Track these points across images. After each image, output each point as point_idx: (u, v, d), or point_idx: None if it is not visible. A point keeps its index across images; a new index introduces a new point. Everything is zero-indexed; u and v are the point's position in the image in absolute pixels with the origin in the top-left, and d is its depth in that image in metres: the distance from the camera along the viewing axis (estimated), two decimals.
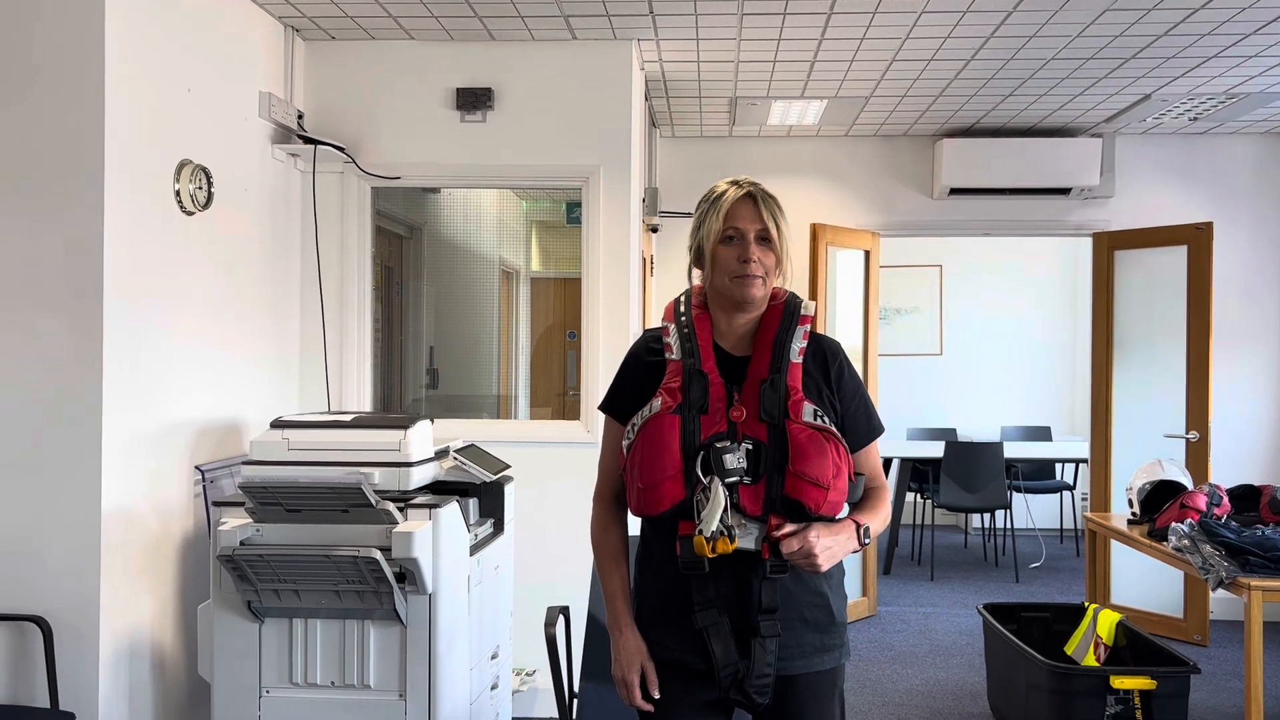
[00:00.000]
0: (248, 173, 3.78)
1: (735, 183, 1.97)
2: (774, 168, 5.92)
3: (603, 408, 2.09)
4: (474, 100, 4.20)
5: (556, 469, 4.16)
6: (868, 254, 5.93)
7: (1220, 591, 3.50)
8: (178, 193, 3.31)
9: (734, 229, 1.93)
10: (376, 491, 2.78)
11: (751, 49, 4.36)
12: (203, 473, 3.40)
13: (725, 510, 1.81)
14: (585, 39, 4.19)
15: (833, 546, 1.83)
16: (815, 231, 5.62)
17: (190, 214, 3.38)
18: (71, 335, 2.93)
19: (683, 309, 2.01)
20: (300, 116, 4.15)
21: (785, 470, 1.85)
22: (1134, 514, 4.37)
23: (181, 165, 3.32)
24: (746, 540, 1.84)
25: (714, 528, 1.79)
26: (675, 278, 5.81)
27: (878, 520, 1.98)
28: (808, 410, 1.89)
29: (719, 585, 1.89)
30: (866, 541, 1.90)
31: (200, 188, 3.42)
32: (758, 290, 1.93)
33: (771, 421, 1.87)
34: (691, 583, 1.89)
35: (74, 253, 2.93)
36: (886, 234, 6.00)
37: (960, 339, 8.67)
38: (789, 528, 1.83)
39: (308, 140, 4.08)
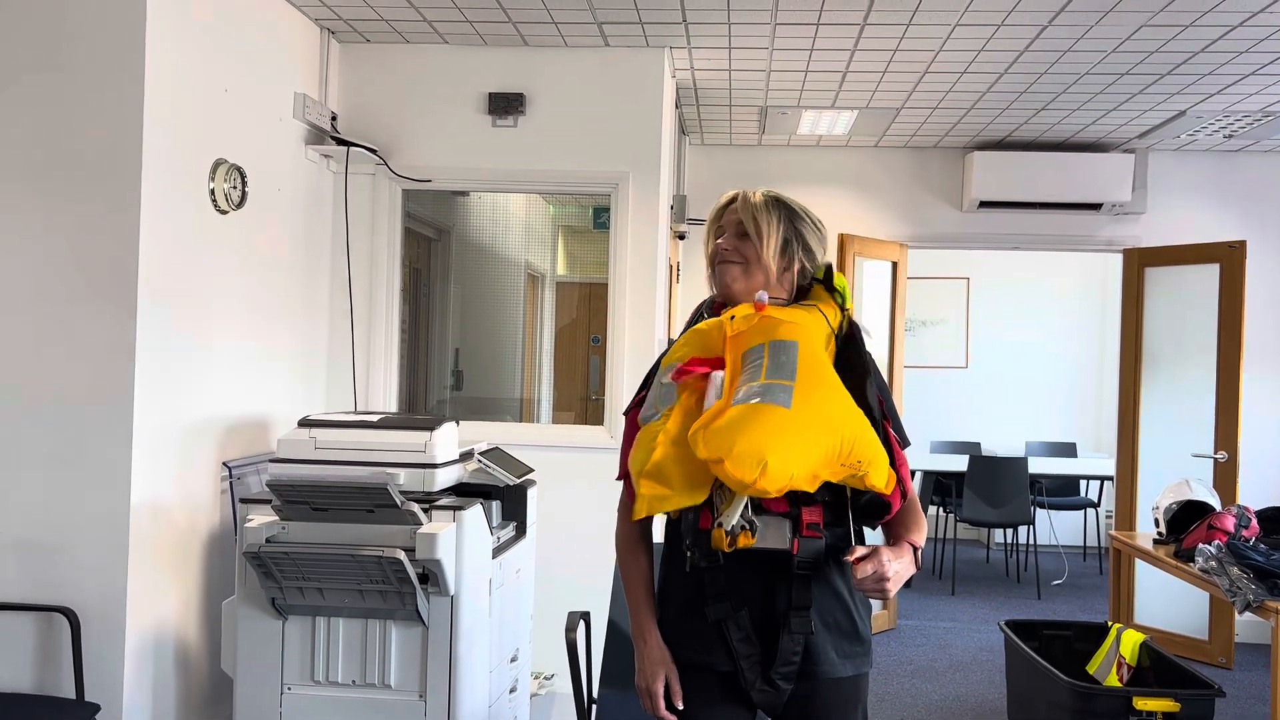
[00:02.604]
0: (281, 173, 3.81)
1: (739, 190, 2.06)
2: (803, 177, 5.92)
3: (626, 414, 2.09)
4: (506, 105, 4.22)
5: (579, 474, 4.17)
6: (895, 265, 5.91)
7: (1246, 614, 3.47)
8: (212, 192, 3.35)
9: (718, 225, 2.02)
10: (401, 492, 2.79)
11: (784, 59, 4.36)
12: (230, 469, 3.43)
13: (746, 505, 1.78)
14: (618, 46, 4.21)
15: (900, 571, 1.80)
16: (843, 242, 5.61)
17: (224, 213, 3.42)
18: (105, 331, 2.97)
19: (703, 314, 2.03)
20: (334, 118, 4.19)
21: None
22: (1160, 534, 4.33)
23: (217, 164, 3.36)
24: (774, 540, 1.79)
25: (735, 522, 1.76)
26: (701, 285, 5.80)
27: (922, 537, 1.95)
28: None
29: (742, 581, 1.87)
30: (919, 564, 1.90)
31: (234, 187, 3.46)
32: (732, 278, 1.95)
33: None
34: (704, 576, 1.86)
35: (109, 249, 2.97)
36: (915, 246, 5.98)
37: (986, 352, 8.61)
38: (860, 551, 1.79)
39: (341, 142, 4.12)
